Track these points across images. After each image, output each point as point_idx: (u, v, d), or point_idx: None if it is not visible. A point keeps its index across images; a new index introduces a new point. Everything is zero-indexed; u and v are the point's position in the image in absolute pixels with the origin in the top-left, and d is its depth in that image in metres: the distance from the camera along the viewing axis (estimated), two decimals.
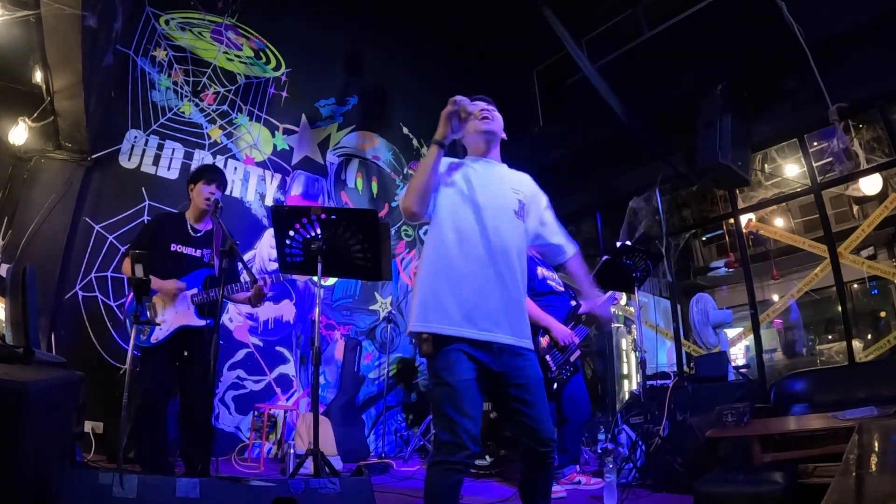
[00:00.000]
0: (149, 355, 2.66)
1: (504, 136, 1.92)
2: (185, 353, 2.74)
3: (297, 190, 5.21)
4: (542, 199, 1.91)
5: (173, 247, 2.82)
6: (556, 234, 1.91)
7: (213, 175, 2.92)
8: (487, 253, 1.64)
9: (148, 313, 2.68)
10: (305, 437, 3.84)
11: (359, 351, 4.96)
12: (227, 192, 4.65)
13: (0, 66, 3.50)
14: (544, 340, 3.26)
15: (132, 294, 2.73)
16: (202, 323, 2.75)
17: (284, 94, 5.27)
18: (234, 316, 4.46)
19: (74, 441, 2.18)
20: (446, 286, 1.61)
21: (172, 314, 2.72)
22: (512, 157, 1.95)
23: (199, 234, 2.90)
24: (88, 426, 3.49)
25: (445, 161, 1.77)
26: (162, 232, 2.84)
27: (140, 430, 2.65)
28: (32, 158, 3.85)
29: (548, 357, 3.21)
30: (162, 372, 2.69)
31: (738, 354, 7.46)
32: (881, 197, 5.85)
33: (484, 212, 1.68)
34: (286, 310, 4.83)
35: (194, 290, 2.79)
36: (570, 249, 1.92)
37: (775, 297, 7.50)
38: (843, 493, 1.06)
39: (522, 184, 1.86)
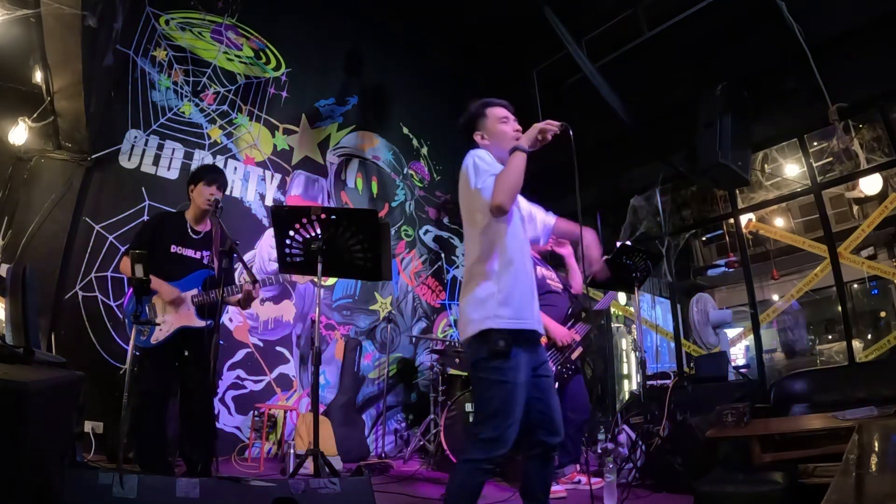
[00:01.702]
0: (148, 356, 2.66)
1: None
2: (186, 353, 2.74)
3: (297, 190, 5.20)
4: (524, 203, 2.06)
5: (173, 248, 2.81)
6: (542, 220, 2.09)
7: (214, 176, 2.91)
8: (527, 259, 1.84)
9: (148, 314, 2.68)
10: (305, 437, 3.84)
11: (359, 351, 4.95)
12: (228, 193, 4.65)
13: (0, 66, 3.50)
14: (542, 340, 3.26)
15: (130, 294, 2.74)
16: (202, 324, 2.75)
17: (284, 94, 5.26)
18: (234, 316, 4.45)
19: (74, 441, 2.18)
20: (517, 287, 1.74)
21: (172, 315, 2.71)
22: None
23: (198, 236, 2.90)
24: (88, 426, 3.48)
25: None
26: (162, 232, 2.83)
27: (139, 430, 2.64)
28: (32, 158, 3.85)
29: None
30: (161, 372, 2.69)
31: (738, 354, 7.46)
32: (881, 197, 5.86)
33: (521, 223, 1.90)
34: (286, 310, 4.83)
35: (194, 291, 2.78)
36: (551, 218, 2.10)
37: (775, 297, 7.51)
38: (843, 493, 1.06)
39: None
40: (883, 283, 7.37)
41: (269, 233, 4.70)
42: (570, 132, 1.81)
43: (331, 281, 5.14)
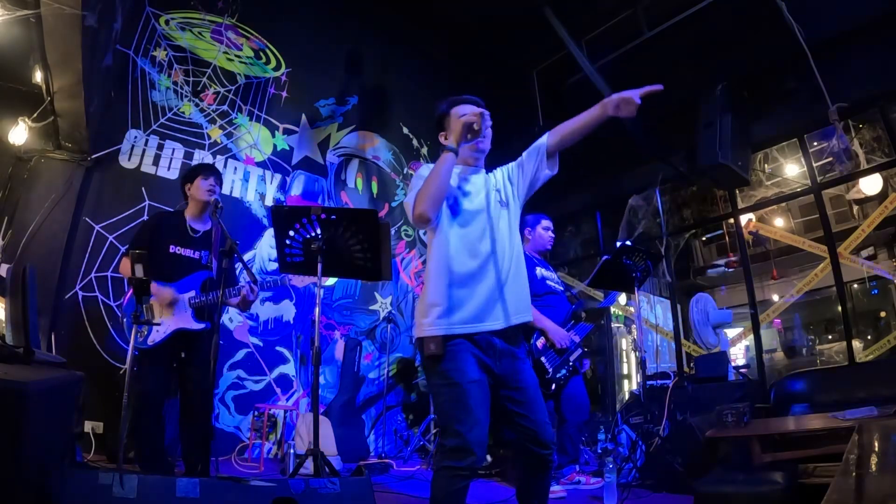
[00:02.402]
0: (146, 357, 2.65)
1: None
2: (183, 355, 2.73)
3: (297, 190, 5.20)
4: (511, 165, 1.92)
5: (172, 248, 2.80)
6: (529, 150, 1.89)
7: (210, 171, 2.90)
8: (488, 253, 1.70)
9: (146, 314, 2.67)
10: (305, 437, 3.84)
11: (359, 351, 4.96)
12: (227, 192, 4.65)
13: (0, 66, 3.50)
14: (540, 342, 3.26)
15: (129, 294, 2.73)
16: (199, 326, 2.74)
17: (284, 94, 5.27)
18: (234, 316, 4.45)
19: (74, 441, 2.18)
20: (455, 288, 1.65)
21: (169, 317, 2.71)
22: (512, 158, 1.95)
23: (197, 235, 2.88)
24: (88, 426, 3.49)
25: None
26: (161, 232, 2.82)
27: (138, 430, 2.64)
28: (32, 158, 3.85)
29: (543, 359, 3.22)
30: (159, 373, 2.68)
31: (738, 354, 7.46)
32: (881, 197, 5.85)
33: (480, 216, 1.75)
34: (286, 310, 4.83)
35: (192, 293, 2.77)
36: (543, 137, 1.89)
37: (775, 297, 7.51)
38: (843, 493, 1.06)
39: (497, 180, 1.89)
40: (883, 283, 7.37)
41: (269, 233, 4.70)
42: (487, 116, 1.76)
43: (331, 281, 5.14)
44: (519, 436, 1.65)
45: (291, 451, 3.46)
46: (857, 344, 5.79)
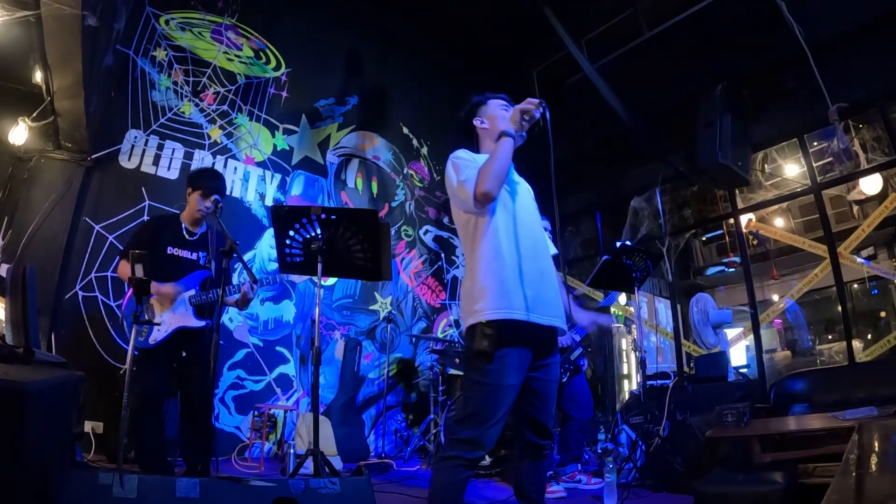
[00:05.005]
0: (146, 356, 2.65)
1: None
2: (184, 354, 2.73)
3: (297, 190, 5.20)
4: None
5: (169, 250, 2.81)
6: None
7: (212, 191, 2.83)
8: (536, 246, 1.74)
9: (146, 314, 2.68)
10: (305, 437, 3.84)
11: (359, 351, 4.96)
12: (228, 192, 4.64)
13: (0, 66, 3.50)
14: None
15: (129, 296, 2.74)
16: (200, 324, 2.75)
17: (284, 94, 5.26)
18: (234, 316, 4.45)
19: (74, 441, 2.17)
20: (514, 278, 1.64)
21: (170, 315, 2.71)
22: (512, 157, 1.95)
23: (194, 237, 2.90)
24: (88, 426, 3.49)
25: (484, 157, 1.80)
26: (158, 234, 2.83)
27: (138, 430, 2.63)
28: (32, 158, 3.85)
29: None
30: (160, 373, 2.68)
31: (739, 354, 7.46)
32: (881, 197, 5.85)
33: (525, 210, 1.81)
34: (286, 310, 4.83)
35: (192, 292, 2.78)
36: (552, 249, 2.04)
37: (775, 297, 7.51)
38: (843, 493, 1.06)
39: (530, 189, 1.97)
40: (883, 283, 7.37)
41: (269, 233, 4.70)
42: (546, 110, 1.79)
43: (331, 281, 5.14)
44: (523, 422, 1.69)
45: (291, 451, 3.45)
46: (857, 344, 5.79)
